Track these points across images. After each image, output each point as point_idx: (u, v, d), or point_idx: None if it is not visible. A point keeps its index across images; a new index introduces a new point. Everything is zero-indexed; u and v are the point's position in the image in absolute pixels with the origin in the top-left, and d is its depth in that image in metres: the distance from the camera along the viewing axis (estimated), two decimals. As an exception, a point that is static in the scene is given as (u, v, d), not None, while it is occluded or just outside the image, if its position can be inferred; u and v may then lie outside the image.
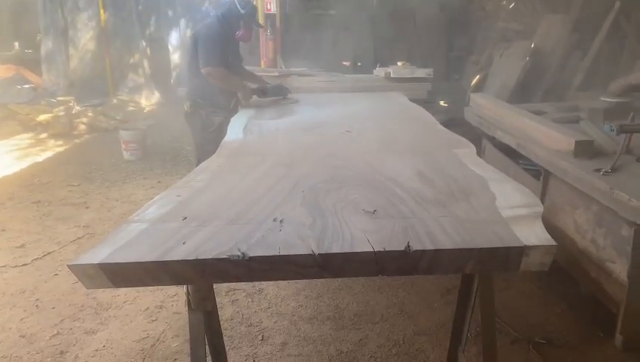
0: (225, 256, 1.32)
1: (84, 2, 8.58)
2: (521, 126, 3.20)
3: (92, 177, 5.21)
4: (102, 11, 8.46)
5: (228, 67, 3.56)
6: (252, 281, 2.66)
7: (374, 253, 1.33)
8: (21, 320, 2.74)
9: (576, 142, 2.62)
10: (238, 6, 3.57)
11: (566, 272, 2.81)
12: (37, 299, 2.94)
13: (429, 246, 1.34)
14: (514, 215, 1.54)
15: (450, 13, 8.75)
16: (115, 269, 1.34)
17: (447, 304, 2.78)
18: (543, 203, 2.18)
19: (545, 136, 2.90)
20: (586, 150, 2.63)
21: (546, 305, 2.80)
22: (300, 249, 1.36)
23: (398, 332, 2.57)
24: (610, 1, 6.10)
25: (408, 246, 1.34)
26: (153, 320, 2.73)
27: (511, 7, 7.96)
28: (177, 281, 1.43)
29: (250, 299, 2.90)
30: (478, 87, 7.24)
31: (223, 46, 3.53)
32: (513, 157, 3.47)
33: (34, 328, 2.67)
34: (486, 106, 3.87)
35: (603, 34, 6.15)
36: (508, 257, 1.36)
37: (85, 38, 8.66)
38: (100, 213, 4.27)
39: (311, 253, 1.34)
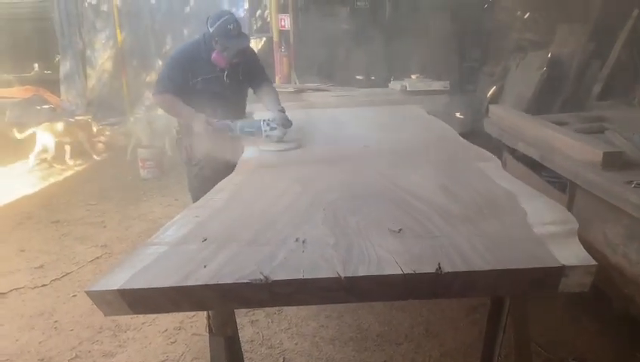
0: (247, 281, 1.27)
1: (102, 23, 8.72)
2: (544, 137, 3.12)
3: (110, 196, 5.21)
4: (118, 31, 8.58)
5: (198, 96, 2.99)
6: (275, 306, 2.60)
7: (404, 275, 1.27)
8: (40, 342, 2.72)
9: (604, 153, 2.53)
10: (208, 24, 2.96)
11: (596, 288, 2.70)
12: (55, 321, 2.91)
13: (462, 268, 1.28)
14: (548, 232, 1.47)
15: (463, 24, 8.70)
16: (135, 295, 1.30)
17: (474, 323, 2.69)
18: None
19: (571, 147, 2.81)
20: (614, 161, 2.53)
21: (577, 323, 2.69)
22: (325, 271, 1.31)
23: (424, 354, 2.49)
24: (628, 9, 6.01)
25: (439, 268, 1.27)
26: (172, 342, 2.68)
27: (526, 17, 7.89)
28: (198, 307, 1.39)
29: (270, 320, 2.83)
30: (495, 98, 7.16)
31: (177, 72, 2.99)
32: (536, 169, 3.39)
33: (52, 351, 2.64)
34: (507, 118, 3.79)
35: (621, 42, 6.05)
36: (545, 278, 1.29)
37: (102, 57, 8.79)
38: (117, 231, 4.26)
39: (337, 276, 1.28)
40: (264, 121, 2.89)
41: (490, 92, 7.43)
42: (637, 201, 2.18)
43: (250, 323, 2.81)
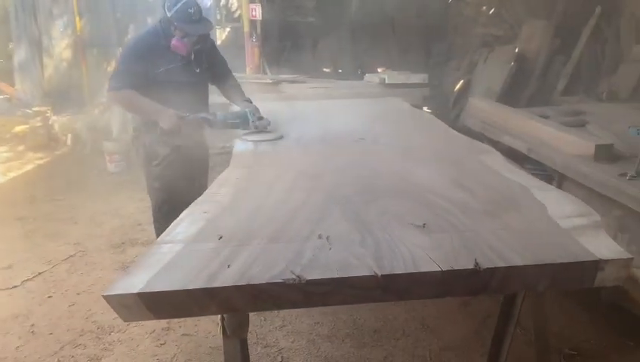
0: (280, 281, 1.20)
1: (59, 10, 8.30)
2: (532, 131, 3.16)
3: (77, 191, 4.97)
4: (77, 18, 8.18)
5: (160, 89, 2.72)
6: (308, 307, 2.47)
7: (442, 272, 1.23)
8: (17, 348, 2.54)
9: (596, 146, 2.59)
10: (165, 9, 2.73)
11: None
12: (32, 325, 2.73)
13: (500, 264, 1.25)
14: (573, 225, 1.46)
15: (428, 19, 8.79)
16: (157, 298, 1.21)
17: (469, 316, 2.70)
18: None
19: (561, 140, 2.86)
20: (605, 154, 2.60)
21: (568, 314, 2.74)
22: (359, 270, 1.25)
23: (423, 348, 2.48)
24: (591, 7, 6.20)
25: (477, 264, 1.24)
26: (162, 344, 2.57)
27: (491, 12, 8.03)
28: (226, 309, 1.30)
29: (262, 318, 2.76)
30: (462, 93, 7.27)
31: (136, 64, 2.70)
32: (519, 162, 3.43)
33: (32, 357, 2.47)
34: (489, 111, 3.83)
35: (584, 39, 6.25)
36: (583, 273, 1.27)
37: (60, 46, 8.38)
38: (89, 228, 4.06)
39: (373, 274, 1.23)
40: (249, 111, 2.76)
41: (458, 86, 7.53)
42: (634, 193, 2.23)
43: (241, 322, 2.72)
